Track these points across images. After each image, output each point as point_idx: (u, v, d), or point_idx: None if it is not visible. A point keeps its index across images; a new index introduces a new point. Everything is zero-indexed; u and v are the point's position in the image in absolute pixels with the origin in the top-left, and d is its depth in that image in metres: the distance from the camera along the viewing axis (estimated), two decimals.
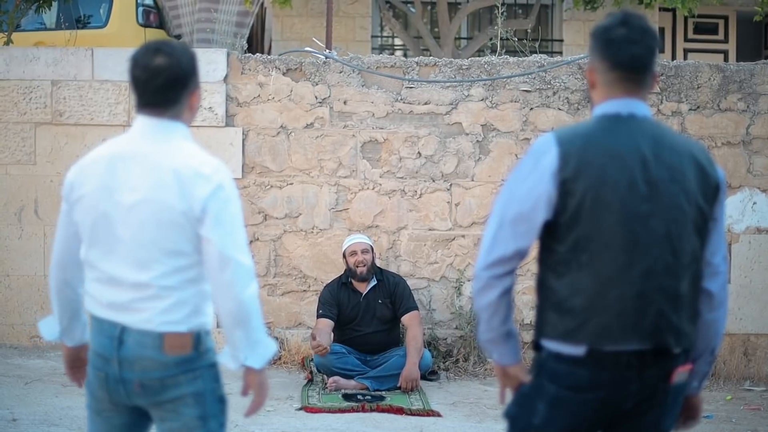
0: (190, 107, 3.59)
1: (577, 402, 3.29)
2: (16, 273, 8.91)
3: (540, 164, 3.26)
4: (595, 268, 3.24)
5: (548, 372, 3.32)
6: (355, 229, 8.85)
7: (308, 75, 8.95)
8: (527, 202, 3.25)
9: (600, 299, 3.24)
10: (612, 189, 3.23)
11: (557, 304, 3.28)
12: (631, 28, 3.31)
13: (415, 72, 8.98)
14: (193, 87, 3.56)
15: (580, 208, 3.24)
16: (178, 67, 3.52)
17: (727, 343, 8.77)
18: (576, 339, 3.25)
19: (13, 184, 8.91)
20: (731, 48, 16.01)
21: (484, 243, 3.32)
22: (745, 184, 8.85)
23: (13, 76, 8.92)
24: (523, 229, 3.27)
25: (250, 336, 3.47)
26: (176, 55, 3.52)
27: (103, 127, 8.87)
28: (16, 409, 6.97)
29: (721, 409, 7.87)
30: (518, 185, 3.29)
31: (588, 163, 3.24)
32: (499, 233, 3.28)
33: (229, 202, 3.46)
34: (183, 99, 3.55)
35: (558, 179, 3.24)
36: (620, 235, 3.23)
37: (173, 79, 3.52)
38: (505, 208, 3.30)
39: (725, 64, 9.10)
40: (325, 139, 8.96)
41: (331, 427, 7.04)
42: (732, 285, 8.78)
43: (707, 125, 8.86)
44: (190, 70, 3.55)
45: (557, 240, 3.28)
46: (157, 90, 3.52)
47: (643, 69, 3.33)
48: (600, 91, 3.38)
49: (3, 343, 8.85)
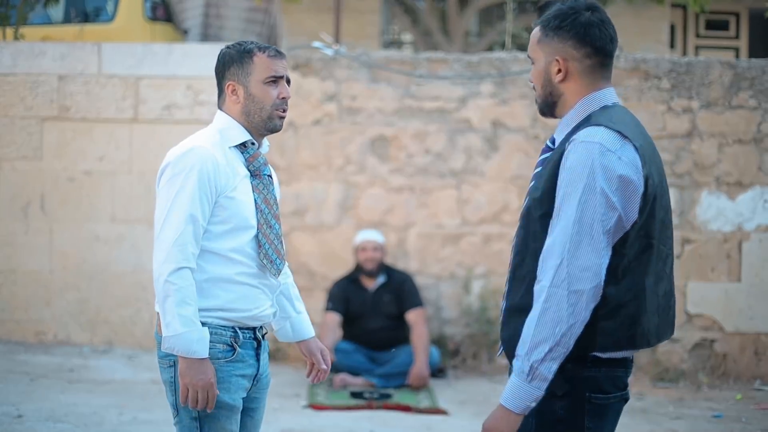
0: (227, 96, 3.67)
1: (619, 406, 3.12)
2: (22, 269, 8.87)
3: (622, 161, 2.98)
4: (652, 266, 3.06)
5: (592, 383, 3.05)
6: (364, 226, 8.81)
7: (317, 71, 8.91)
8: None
9: (653, 297, 3.07)
10: (660, 182, 3.09)
11: (613, 311, 3.01)
12: (599, 10, 3.12)
13: (425, 68, 8.93)
14: (223, 79, 3.65)
15: (652, 204, 3.04)
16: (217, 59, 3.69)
17: (738, 342, 8.72)
18: (634, 343, 3.04)
19: (20, 179, 8.87)
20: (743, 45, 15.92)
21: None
22: (756, 181, 8.78)
23: (20, 70, 8.89)
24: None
25: (163, 317, 3.42)
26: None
27: (109, 122, 8.84)
28: (22, 405, 6.95)
29: (731, 409, 7.82)
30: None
31: (649, 157, 3.06)
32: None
33: (169, 181, 3.47)
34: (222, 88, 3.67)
35: (643, 175, 3.01)
36: (661, 228, 3.09)
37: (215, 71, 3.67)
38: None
39: (737, 61, 9.03)
40: (333, 136, 8.92)
41: (339, 425, 7.01)
42: (742, 283, 8.73)
43: (718, 122, 8.80)
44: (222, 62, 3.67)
45: (626, 242, 3.01)
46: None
47: (614, 54, 3.16)
48: (577, 81, 3.11)
49: (9, 339, 8.82)
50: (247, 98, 3.56)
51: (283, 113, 3.56)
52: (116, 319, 8.83)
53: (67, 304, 8.84)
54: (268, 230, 3.56)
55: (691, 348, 8.75)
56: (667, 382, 8.59)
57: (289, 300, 3.84)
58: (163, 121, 8.81)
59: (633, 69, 8.84)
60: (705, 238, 8.76)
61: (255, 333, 3.61)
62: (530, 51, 3.17)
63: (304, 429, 6.87)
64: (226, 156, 3.54)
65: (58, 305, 8.85)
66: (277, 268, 3.59)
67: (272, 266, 3.57)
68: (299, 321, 3.87)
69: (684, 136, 8.80)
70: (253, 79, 3.55)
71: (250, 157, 3.60)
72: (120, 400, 7.25)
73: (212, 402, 3.42)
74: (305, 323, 3.88)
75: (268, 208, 3.58)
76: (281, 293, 3.79)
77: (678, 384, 8.58)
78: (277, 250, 3.59)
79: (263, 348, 3.64)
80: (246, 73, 3.56)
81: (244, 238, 3.52)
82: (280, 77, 3.58)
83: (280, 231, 3.63)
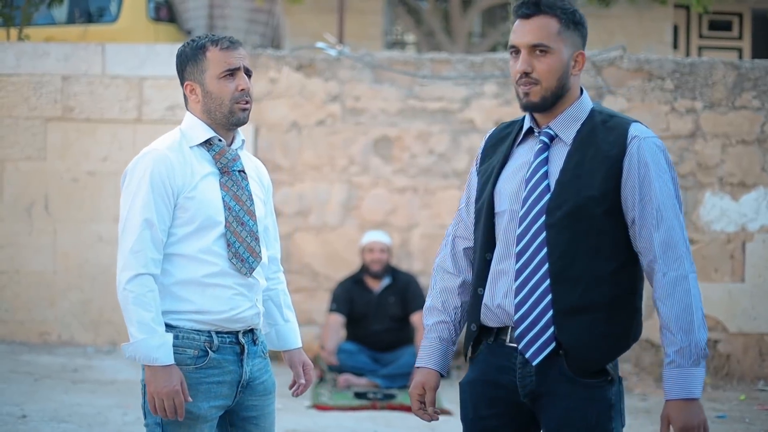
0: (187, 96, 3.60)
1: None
2: (26, 269, 8.88)
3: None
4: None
5: (618, 374, 3.21)
6: (367, 227, 8.81)
7: (320, 71, 8.91)
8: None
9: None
10: None
11: (640, 309, 3.17)
12: None
13: (428, 68, 8.93)
14: (183, 80, 3.58)
15: None
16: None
17: (741, 343, 8.72)
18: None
19: (23, 179, 8.88)
20: (746, 45, 15.91)
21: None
22: (759, 182, 8.78)
23: (24, 71, 8.90)
24: None
25: (127, 325, 3.37)
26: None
27: (113, 123, 8.85)
28: (26, 405, 6.95)
29: (734, 409, 7.81)
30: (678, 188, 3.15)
31: None
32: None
33: (125, 188, 3.43)
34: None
35: None
36: None
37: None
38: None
39: (740, 62, 9.03)
40: (336, 136, 8.92)
41: (342, 425, 7.01)
42: (746, 284, 8.73)
43: (721, 123, 8.80)
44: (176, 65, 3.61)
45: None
46: None
47: None
48: (579, 77, 3.20)
49: (12, 340, 8.83)
50: (204, 96, 3.49)
51: (246, 104, 3.46)
52: (120, 319, 8.77)
53: (71, 305, 8.85)
54: (239, 228, 3.44)
55: None
56: None
57: (278, 307, 3.74)
58: (166, 121, 8.81)
59: (636, 69, 8.84)
60: (708, 238, 8.76)
61: (237, 337, 3.48)
62: (545, 40, 3.09)
63: (308, 429, 6.87)
64: (184, 156, 3.46)
65: (61, 305, 8.86)
66: (250, 267, 3.45)
67: (243, 265, 3.44)
68: (286, 330, 3.76)
69: (687, 136, 8.79)
70: (208, 76, 3.46)
71: (216, 155, 3.49)
72: (124, 401, 7.25)
73: (180, 409, 3.33)
74: (291, 333, 3.78)
75: (239, 205, 3.46)
76: (269, 299, 3.71)
77: None
78: (250, 248, 3.46)
79: (250, 353, 3.52)
80: (201, 71, 3.48)
81: (210, 237, 3.42)
82: (236, 69, 3.46)
83: (257, 228, 3.50)
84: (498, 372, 3.20)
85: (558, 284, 3.08)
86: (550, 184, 3.10)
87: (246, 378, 3.51)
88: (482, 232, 3.25)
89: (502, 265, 3.17)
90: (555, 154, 3.13)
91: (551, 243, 3.09)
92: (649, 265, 3.06)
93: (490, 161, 3.27)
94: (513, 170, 3.19)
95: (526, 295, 3.10)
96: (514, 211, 3.15)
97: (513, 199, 3.16)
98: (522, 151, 3.21)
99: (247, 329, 3.52)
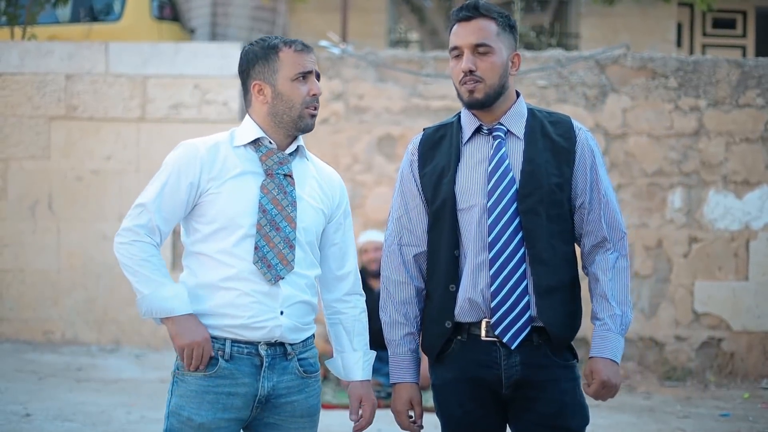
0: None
1: None
2: (30, 268, 8.89)
3: None
4: None
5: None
6: (371, 225, 8.81)
7: (324, 70, 8.91)
8: None
9: None
10: None
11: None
12: None
13: (432, 67, 8.93)
14: (248, 79, 3.42)
15: None
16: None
17: (745, 341, 8.71)
18: None
19: (27, 178, 8.88)
20: (750, 43, 15.89)
21: None
22: (763, 180, 8.77)
23: (28, 70, 8.91)
24: None
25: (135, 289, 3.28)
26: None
27: (117, 122, 8.85)
28: (30, 404, 6.96)
29: (738, 408, 7.80)
30: None
31: None
32: None
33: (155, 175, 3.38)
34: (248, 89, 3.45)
35: None
36: None
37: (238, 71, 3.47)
38: None
39: (744, 60, 9.02)
40: (340, 135, 8.92)
41: (346, 424, 6.99)
42: (750, 282, 8.72)
43: (725, 121, 8.79)
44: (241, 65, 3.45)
45: None
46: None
47: None
48: (513, 77, 3.46)
49: (17, 339, 8.84)
50: (275, 97, 3.32)
51: (315, 111, 3.33)
52: (124, 318, 8.84)
53: (75, 304, 8.86)
54: (272, 232, 3.28)
55: (699, 347, 8.74)
56: (674, 381, 8.58)
57: (349, 334, 3.59)
58: (170, 120, 8.82)
59: (640, 68, 8.83)
60: (712, 236, 8.75)
61: (257, 348, 3.30)
62: (486, 40, 3.32)
63: None
64: (218, 153, 3.31)
65: (65, 304, 8.86)
66: (276, 274, 3.27)
67: (269, 271, 3.27)
68: (351, 359, 3.60)
69: (691, 134, 8.79)
70: (281, 77, 3.31)
71: (263, 156, 3.34)
72: (128, 399, 7.26)
73: (206, 358, 3.21)
74: (357, 363, 3.61)
75: (276, 209, 3.29)
76: (340, 323, 3.58)
77: (685, 383, 8.57)
78: (281, 255, 3.28)
79: (275, 368, 3.34)
80: (272, 71, 3.32)
81: (231, 239, 3.27)
82: (309, 73, 3.33)
83: (295, 236, 3.31)
84: (478, 368, 3.31)
85: (536, 265, 3.26)
86: (514, 176, 3.28)
87: (264, 393, 3.31)
88: (446, 231, 3.34)
89: (480, 257, 3.28)
90: (511, 148, 3.33)
91: (527, 228, 3.26)
92: (595, 244, 3.32)
93: (433, 163, 3.39)
94: (471, 167, 3.34)
95: (503, 281, 3.24)
96: (483, 204, 3.28)
97: (480, 193, 3.29)
98: (474, 148, 3.36)
99: (272, 342, 3.33)
